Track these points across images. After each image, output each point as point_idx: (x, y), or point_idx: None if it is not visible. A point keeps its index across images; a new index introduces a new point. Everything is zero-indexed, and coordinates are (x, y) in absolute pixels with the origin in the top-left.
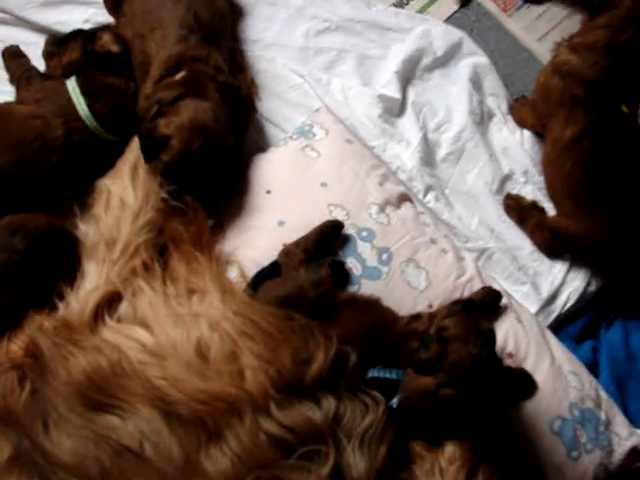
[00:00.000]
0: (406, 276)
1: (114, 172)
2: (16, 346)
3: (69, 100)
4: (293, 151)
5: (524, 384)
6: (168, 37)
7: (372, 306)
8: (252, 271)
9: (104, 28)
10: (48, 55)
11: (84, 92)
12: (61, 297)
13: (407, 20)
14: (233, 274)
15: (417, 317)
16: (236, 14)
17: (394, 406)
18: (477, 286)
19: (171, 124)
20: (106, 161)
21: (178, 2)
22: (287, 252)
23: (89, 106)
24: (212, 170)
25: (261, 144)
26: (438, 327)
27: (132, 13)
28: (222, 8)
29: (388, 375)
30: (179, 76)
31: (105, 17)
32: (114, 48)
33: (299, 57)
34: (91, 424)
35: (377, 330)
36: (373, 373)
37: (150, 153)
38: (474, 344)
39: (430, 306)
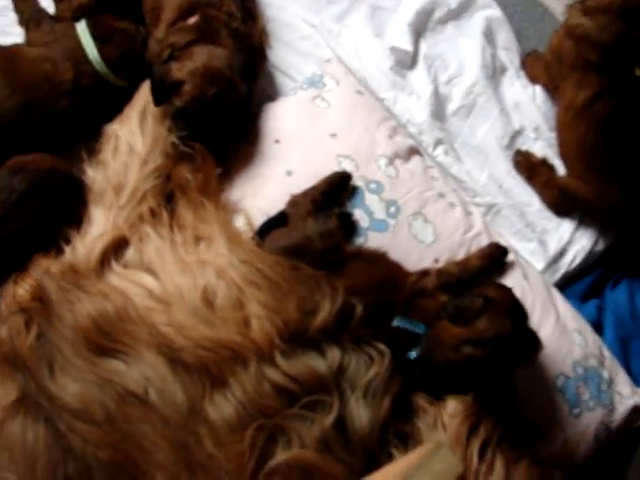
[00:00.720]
0: (413, 229)
1: (122, 117)
2: (22, 289)
3: (79, 43)
4: (303, 101)
5: (531, 344)
6: None
7: (379, 260)
8: (259, 220)
9: None
10: None
11: (94, 36)
12: (67, 241)
13: None
14: (240, 223)
15: (425, 273)
16: None
17: (412, 357)
18: (484, 242)
19: (184, 69)
20: (114, 106)
21: None
22: (295, 202)
23: (99, 50)
24: (223, 118)
25: (270, 93)
26: (484, 288)
27: None
28: None
29: (409, 327)
30: (192, 20)
31: None
32: None
33: (311, 6)
34: (96, 368)
35: (385, 284)
36: (397, 322)
37: (161, 97)
38: (514, 318)
39: (436, 261)
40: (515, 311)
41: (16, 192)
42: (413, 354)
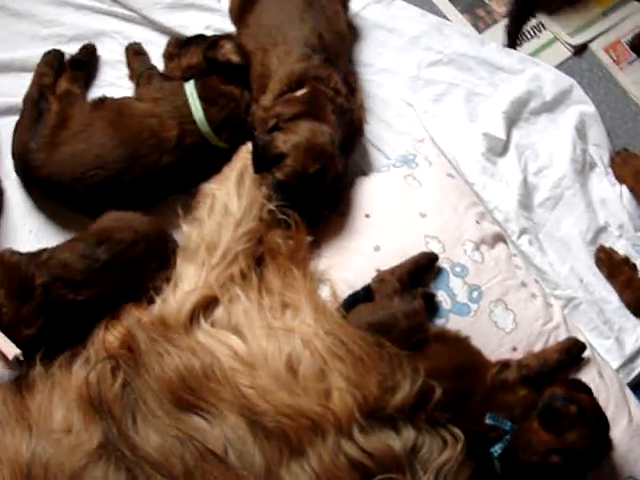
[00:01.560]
0: (494, 316)
1: (220, 178)
2: (112, 336)
3: (186, 103)
4: (395, 178)
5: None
6: (291, 53)
7: (462, 345)
8: (344, 292)
9: (226, 37)
10: (169, 56)
11: (201, 97)
12: (158, 293)
13: (519, 62)
14: (325, 293)
15: (506, 365)
16: (353, 37)
17: (495, 454)
18: (562, 335)
19: (289, 142)
20: (213, 166)
21: (304, 21)
22: (382, 279)
23: (204, 111)
24: (320, 191)
25: (364, 167)
26: (575, 395)
27: (257, 26)
28: (343, 30)
29: (499, 424)
30: (300, 93)
31: (225, 25)
32: (234, 58)
33: (409, 86)
34: (179, 423)
35: (465, 371)
36: (488, 420)
37: (262, 165)
38: (601, 432)
39: (514, 349)
40: (602, 424)
41: (99, 261)
42: (497, 450)
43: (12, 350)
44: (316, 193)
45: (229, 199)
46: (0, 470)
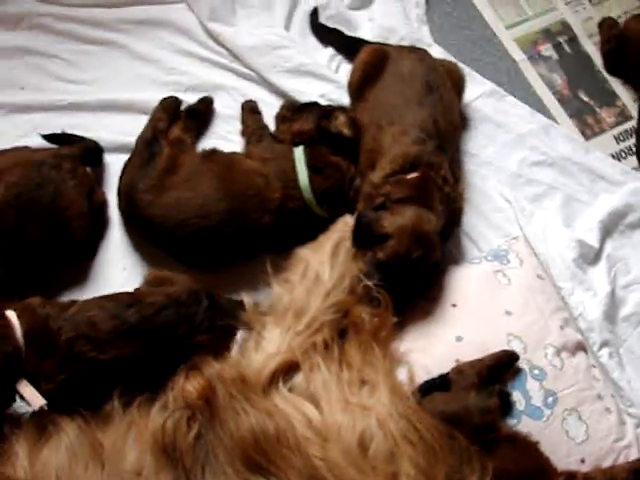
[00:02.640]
0: (566, 424)
1: (316, 245)
2: (191, 386)
3: (293, 167)
4: (485, 272)
5: None
6: (407, 135)
7: (531, 450)
8: (421, 377)
9: (341, 109)
10: (281, 119)
11: (308, 164)
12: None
13: (621, 174)
14: (402, 375)
15: (572, 476)
16: (463, 126)
17: None
18: (633, 455)
19: (395, 223)
20: (309, 233)
21: (422, 106)
22: (460, 371)
23: (310, 179)
24: (417, 276)
25: (456, 256)
26: None
27: (375, 101)
28: (456, 120)
29: None
30: (411, 177)
31: (339, 95)
32: (346, 131)
33: (510, 182)
34: None
35: (531, 477)
36: None
37: (363, 241)
38: None
39: (582, 461)
40: None
41: (127, 324)
42: None
43: (38, 401)
44: (412, 277)
45: (322, 268)
46: None
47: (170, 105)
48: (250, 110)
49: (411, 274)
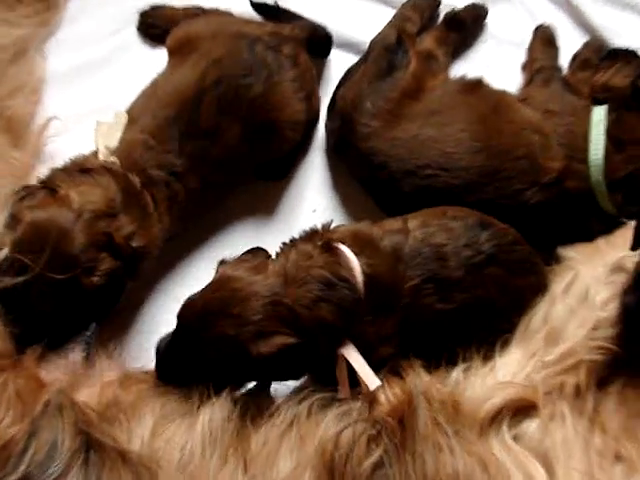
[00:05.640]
0: None
1: (592, 252)
2: (384, 396)
3: (584, 133)
4: None
5: None
6: None
7: None
8: None
9: None
10: (582, 63)
11: (609, 134)
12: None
13: None
14: None
15: None
16: None
17: None
18: None
19: None
20: (585, 230)
21: None
22: None
23: (606, 154)
24: None
25: None
26: None
27: None
28: None
29: None
30: None
31: None
32: None
33: None
34: None
35: None
36: None
37: None
38: None
39: None
40: None
41: (482, 254)
42: None
43: (373, 381)
44: None
45: (595, 285)
46: None
47: (425, 4)
48: (544, 39)
49: None
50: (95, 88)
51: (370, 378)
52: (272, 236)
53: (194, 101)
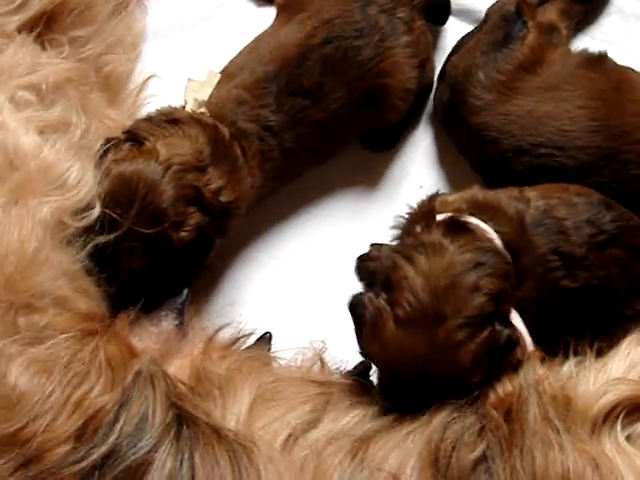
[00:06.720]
0: None
1: None
2: (493, 389)
3: None
4: None
5: None
6: None
7: None
8: None
9: None
10: None
11: None
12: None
13: None
14: None
15: None
16: None
17: None
18: None
19: None
20: None
21: None
22: None
23: None
24: None
25: None
26: None
27: None
28: None
29: None
30: None
31: None
32: None
33: None
34: None
35: None
36: None
37: None
38: None
39: None
40: None
41: (605, 233)
42: None
43: (530, 342)
44: None
45: None
46: None
47: None
48: None
49: None
50: (194, 46)
51: (528, 339)
52: (373, 209)
53: (299, 58)
